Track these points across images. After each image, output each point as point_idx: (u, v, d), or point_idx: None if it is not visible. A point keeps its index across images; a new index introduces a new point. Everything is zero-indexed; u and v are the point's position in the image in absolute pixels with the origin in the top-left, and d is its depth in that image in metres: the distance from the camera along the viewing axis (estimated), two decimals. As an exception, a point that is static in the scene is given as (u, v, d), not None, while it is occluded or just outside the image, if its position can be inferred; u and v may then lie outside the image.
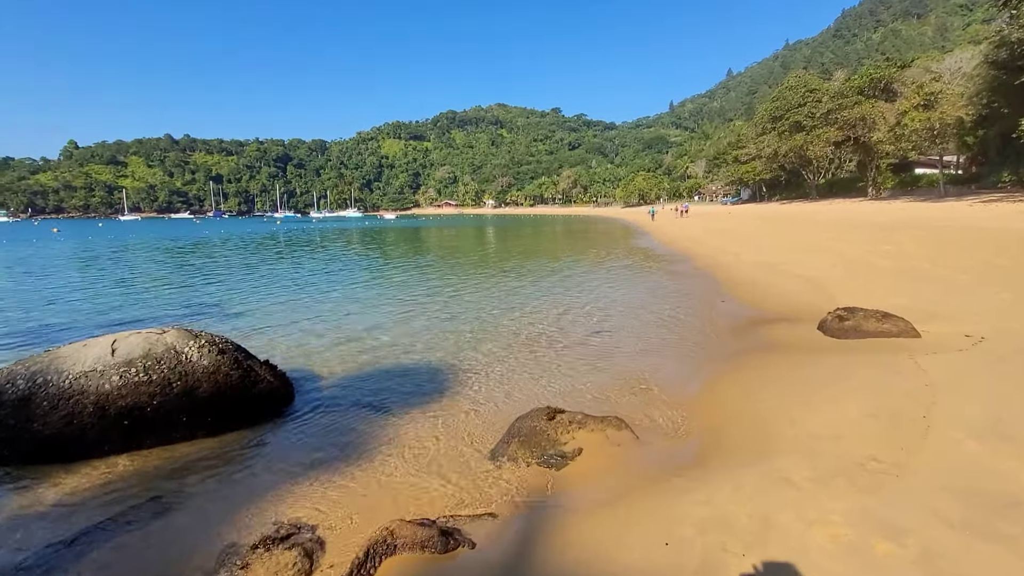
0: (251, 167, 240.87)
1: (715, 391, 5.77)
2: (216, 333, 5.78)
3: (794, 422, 4.62)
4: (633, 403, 5.65)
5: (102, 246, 37.38)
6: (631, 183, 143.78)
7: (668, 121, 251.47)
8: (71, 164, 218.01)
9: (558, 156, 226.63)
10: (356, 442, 4.93)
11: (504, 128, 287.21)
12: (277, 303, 12.85)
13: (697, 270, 17.64)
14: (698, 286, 14.20)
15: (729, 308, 10.92)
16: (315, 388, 6.47)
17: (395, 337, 9.12)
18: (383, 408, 5.78)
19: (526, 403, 5.82)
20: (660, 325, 9.62)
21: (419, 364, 7.47)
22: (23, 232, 68.25)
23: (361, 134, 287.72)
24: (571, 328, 9.56)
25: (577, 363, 7.34)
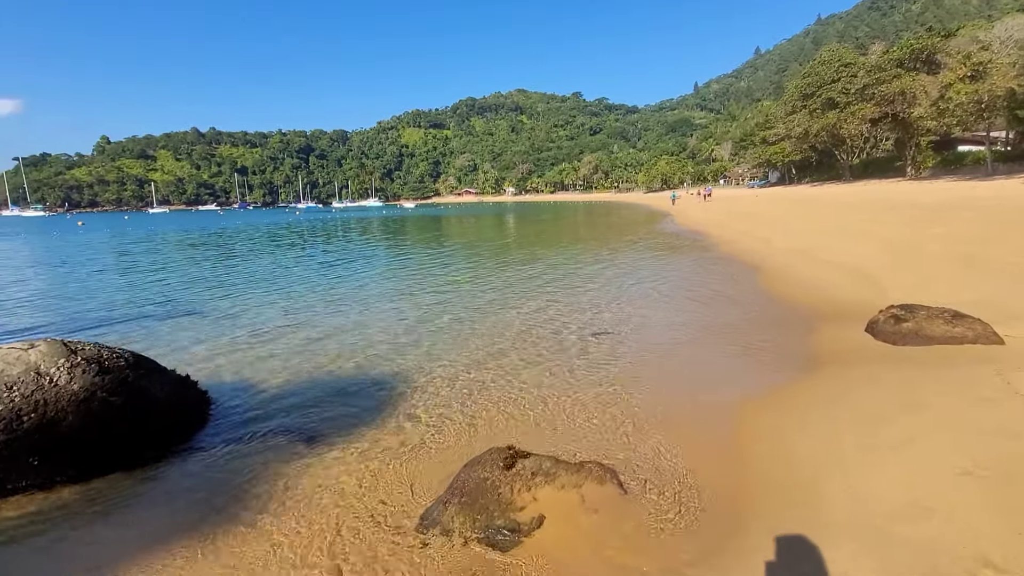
0: (275, 158, 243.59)
1: (741, 424, 4.44)
2: (113, 345, 4.71)
3: (850, 482, 3.28)
4: (629, 438, 4.37)
5: (114, 239, 37.47)
6: (654, 168, 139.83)
7: (693, 103, 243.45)
8: (104, 159, 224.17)
9: (579, 141, 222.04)
10: (248, 496, 3.78)
11: (524, 114, 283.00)
12: (255, 298, 11.89)
13: (722, 257, 16.06)
14: (721, 276, 12.69)
15: (755, 301, 9.45)
16: (243, 406, 5.35)
17: (368, 337, 7.99)
18: (314, 438, 4.63)
19: (493, 432, 4.61)
20: (675, 325, 8.25)
21: (384, 375, 6.32)
22: (51, 226, 69.87)
23: (381, 123, 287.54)
24: (568, 329, 8.27)
25: (568, 375, 6.08)
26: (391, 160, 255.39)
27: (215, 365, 6.79)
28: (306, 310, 10.40)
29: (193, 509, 3.65)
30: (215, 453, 4.41)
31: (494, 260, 18.23)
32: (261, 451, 4.43)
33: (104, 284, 15.04)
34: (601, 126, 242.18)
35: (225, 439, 4.65)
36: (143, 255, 24.19)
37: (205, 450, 4.45)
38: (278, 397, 5.63)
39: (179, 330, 8.86)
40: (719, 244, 19.89)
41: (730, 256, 16.26)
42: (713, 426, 4.51)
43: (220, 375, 6.37)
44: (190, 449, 4.48)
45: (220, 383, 6.06)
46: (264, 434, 4.72)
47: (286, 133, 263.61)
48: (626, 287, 11.89)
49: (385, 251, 23.32)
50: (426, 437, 4.60)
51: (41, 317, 10.31)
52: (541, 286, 12.44)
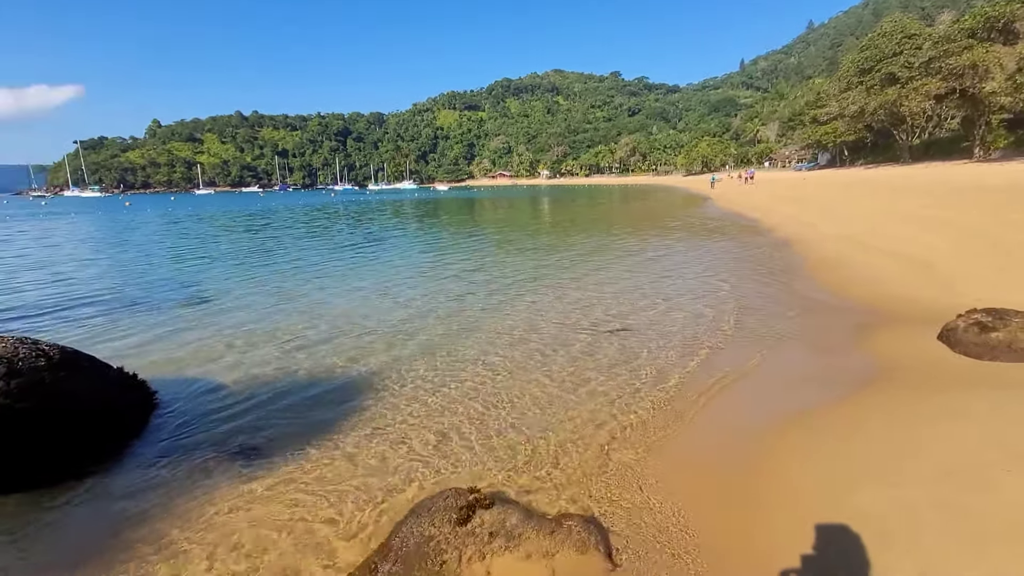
0: (314, 141, 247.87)
1: (778, 466, 3.48)
2: (42, 339, 4.15)
3: (925, 559, 2.32)
4: (633, 479, 3.49)
5: (152, 218, 38.54)
6: (694, 150, 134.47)
7: (738, 81, 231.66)
8: (155, 142, 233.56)
9: (616, 123, 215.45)
10: (153, 535, 3.12)
11: (560, 95, 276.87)
12: (257, 283, 11.47)
13: (764, 243, 14.66)
14: (761, 265, 11.42)
15: (798, 296, 8.26)
16: (194, 411, 4.72)
17: (356, 330, 7.33)
18: (248, 457, 3.95)
19: (457, 463, 3.83)
20: (701, 322, 7.21)
21: (355, 378, 5.62)
22: (103, 205, 73.15)
23: (417, 105, 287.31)
24: (580, 323, 7.37)
25: (570, 382, 5.22)
26: (426, 142, 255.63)
27: (177, 358, 6.26)
28: (299, 299, 9.85)
29: (90, 544, 3.04)
30: (138, 470, 3.79)
31: (523, 248, 17.36)
32: (189, 472, 3.78)
33: (110, 262, 15.03)
34: (640, 106, 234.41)
35: (160, 451, 4.04)
36: (164, 234, 24.53)
37: (130, 464, 3.85)
38: (236, 404, 4.99)
39: (145, 318, 8.45)
40: (761, 230, 18.36)
41: (773, 243, 14.84)
42: (737, 456, 3.58)
43: (182, 370, 5.82)
44: (119, 461, 3.89)
45: (180, 379, 5.51)
46: (204, 447, 4.09)
47: (324, 116, 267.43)
48: (656, 276, 10.83)
49: (404, 238, 22.76)
50: (382, 463, 3.85)
51: (13, 298, 10.17)
52: (572, 267, 11.52)
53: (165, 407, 4.78)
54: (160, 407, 4.75)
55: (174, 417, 4.59)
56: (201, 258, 16.14)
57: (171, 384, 5.34)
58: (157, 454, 4.01)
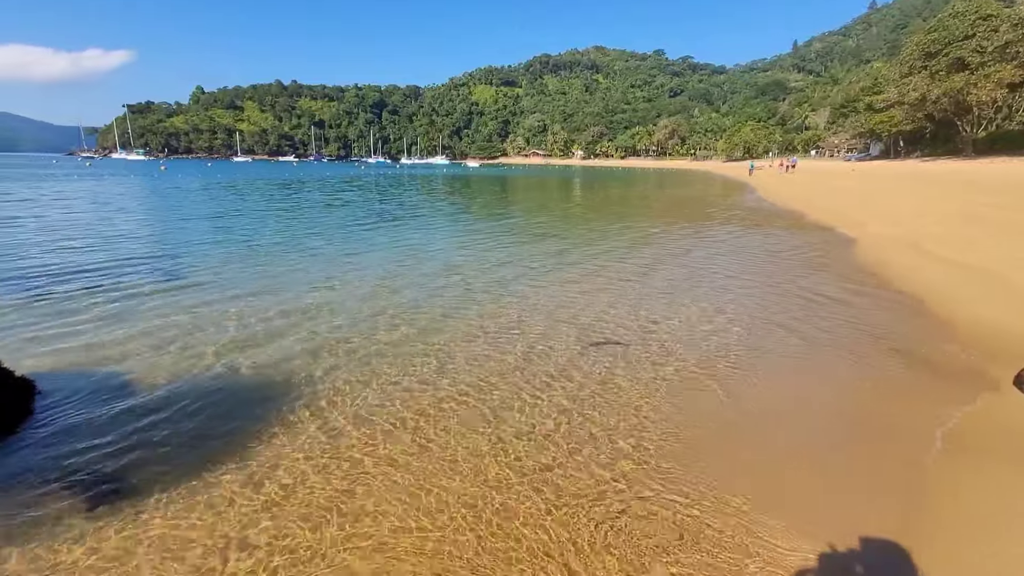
0: (350, 112, 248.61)
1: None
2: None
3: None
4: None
5: (181, 183, 38.95)
6: (736, 134, 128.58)
7: (789, 63, 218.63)
8: (198, 108, 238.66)
9: (656, 104, 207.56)
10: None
11: (600, 73, 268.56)
12: (246, 257, 10.86)
13: (806, 244, 13.22)
14: (793, 269, 10.13)
15: (837, 311, 7.05)
16: (80, 414, 4.02)
17: (322, 322, 6.57)
18: (122, 487, 3.22)
19: (397, 541, 2.98)
20: (714, 335, 6.15)
21: (289, 391, 4.85)
22: (140, 169, 75.12)
23: (453, 80, 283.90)
24: (576, 336, 6.41)
25: (548, 415, 4.30)
26: (461, 118, 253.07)
27: (103, 352, 5.61)
28: (266, 278, 9.17)
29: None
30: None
31: (555, 241, 16.36)
32: (42, 497, 3.07)
33: (121, 228, 14.74)
34: (682, 87, 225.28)
35: (13, 472, 3.34)
36: (177, 202, 24.44)
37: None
38: (138, 407, 4.28)
39: (91, 299, 7.89)
40: (799, 227, 16.79)
41: (815, 242, 13.38)
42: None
43: (100, 366, 5.16)
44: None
45: (85, 375, 4.83)
46: (72, 466, 3.37)
47: (361, 87, 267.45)
48: (667, 281, 9.71)
49: (420, 217, 21.95)
50: (272, 533, 3.04)
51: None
52: (578, 264, 10.50)
53: (47, 411, 4.10)
54: (40, 411, 4.07)
55: (49, 427, 3.89)
56: (198, 230, 15.74)
57: (73, 383, 4.67)
58: (7, 474, 3.31)
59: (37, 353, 5.26)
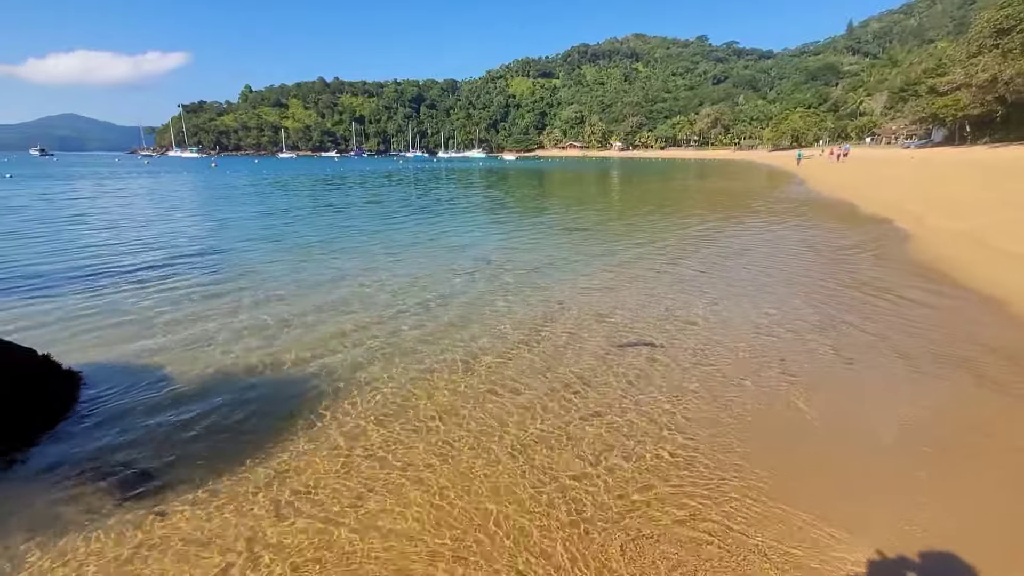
0: (389, 108, 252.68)
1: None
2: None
3: None
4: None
5: (231, 180, 40.65)
6: (784, 122, 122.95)
7: (843, 46, 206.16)
8: (246, 107, 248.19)
9: (699, 92, 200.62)
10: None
11: (640, 61, 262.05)
12: (284, 251, 11.18)
13: (857, 241, 12.49)
14: (842, 270, 9.58)
15: (897, 321, 6.60)
16: (115, 411, 4.21)
17: (354, 325, 6.67)
18: (161, 486, 3.34)
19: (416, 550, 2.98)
20: (748, 360, 5.86)
21: (319, 389, 4.93)
22: (194, 166, 78.92)
23: (490, 73, 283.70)
24: (606, 335, 6.26)
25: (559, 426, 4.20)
26: (497, 111, 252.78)
27: (146, 342, 5.86)
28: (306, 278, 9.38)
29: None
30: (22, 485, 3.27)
31: (577, 236, 16.14)
32: (75, 495, 3.22)
33: (146, 224, 15.48)
34: (726, 74, 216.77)
35: (53, 459, 3.53)
36: (223, 196, 25.45)
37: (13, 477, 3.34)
38: (180, 399, 4.45)
39: (138, 291, 8.24)
40: (851, 220, 15.88)
41: (863, 238, 12.62)
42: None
43: (140, 357, 5.38)
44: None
45: (129, 368, 5.06)
46: (108, 457, 3.54)
47: (400, 83, 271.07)
48: (710, 278, 9.38)
49: (456, 212, 22.05)
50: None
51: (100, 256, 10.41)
52: (605, 259, 10.30)
53: (90, 403, 4.31)
54: (84, 401, 4.29)
55: (91, 419, 4.09)
56: (245, 225, 16.34)
57: (116, 375, 4.91)
58: (46, 465, 3.50)
59: (84, 345, 5.56)
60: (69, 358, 4.77)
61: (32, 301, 7.17)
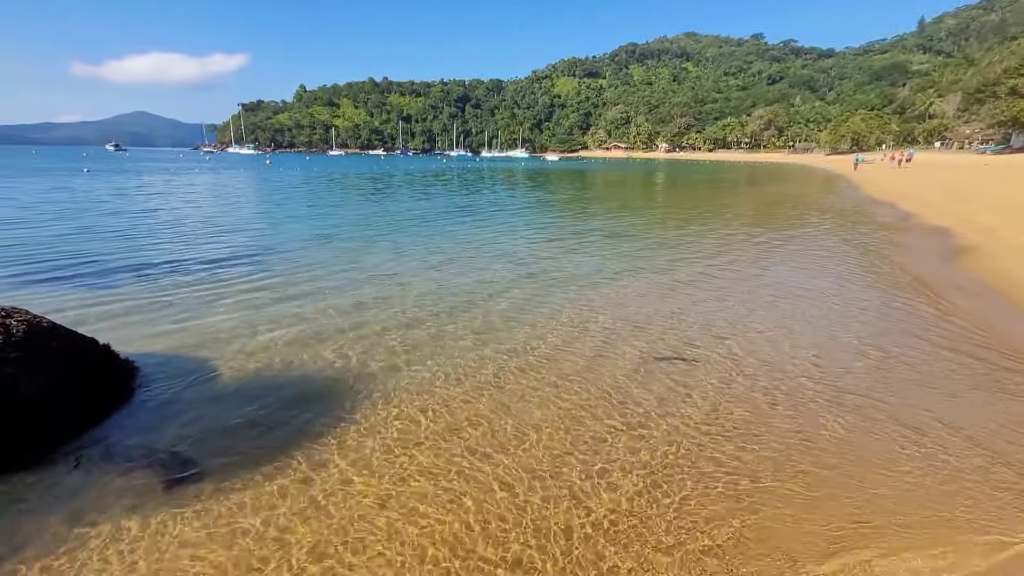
0: (435, 107, 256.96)
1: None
2: (9, 307, 3.96)
3: None
4: None
5: (283, 176, 42.31)
6: (843, 124, 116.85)
7: (913, 44, 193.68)
8: (300, 106, 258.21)
9: (752, 92, 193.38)
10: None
11: (690, 61, 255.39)
12: (338, 252, 11.47)
13: (904, 247, 11.66)
14: (898, 302, 8.94)
15: (979, 368, 6.08)
16: (167, 402, 4.37)
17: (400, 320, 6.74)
18: (184, 480, 3.44)
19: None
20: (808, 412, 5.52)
21: (360, 387, 4.98)
22: (250, 162, 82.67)
23: (536, 72, 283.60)
24: (643, 348, 6.06)
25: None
26: (542, 110, 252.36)
27: (202, 334, 6.09)
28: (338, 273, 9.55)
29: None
30: (66, 473, 3.44)
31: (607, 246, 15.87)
32: (126, 483, 3.36)
33: (204, 217, 16.20)
34: (782, 74, 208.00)
35: (106, 450, 3.70)
36: (278, 194, 26.43)
37: (60, 464, 3.52)
38: (233, 391, 4.60)
39: (184, 280, 8.58)
40: (910, 233, 14.85)
41: (916, 249, 11.75)
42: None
43: (195, 349, 5.59)
44: (52, 458, 3.59)
45: (171, 356, 5.27)
46: (157, 449, 3.68)
47: (447, 83, 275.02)
48: (757, 294, 8.97)
49: (501, 214, 22.08)
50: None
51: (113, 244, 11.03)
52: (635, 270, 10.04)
53: (144, 392, 4.51)
54: (138, 391, 4.49)
55: (144, 409, 4.28)
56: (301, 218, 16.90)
57: (168, 365, 5.13)
58: (103, 452, 3.67)
59: (140, 336, 5.85)
60: (125, 348, 5.03)
61: (95, 292, 7.63)
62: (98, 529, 2.97)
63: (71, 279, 8.32)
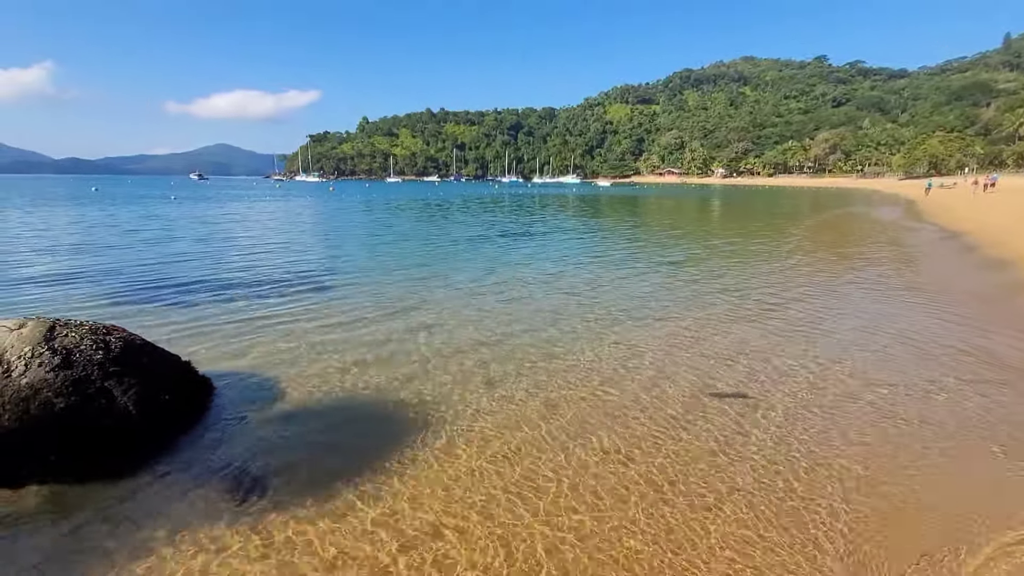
0: (488, 135, 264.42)
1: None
2: (109, 324, 4.31)
3: None
4: None
5: (345, 202, 44.54)
6: (919, 147, 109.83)
7: (998, 61, 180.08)
8: (363, 136, 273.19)
9: (815, 115, 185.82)
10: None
11: (748, 85, 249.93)
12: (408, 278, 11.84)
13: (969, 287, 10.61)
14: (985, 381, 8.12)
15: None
16: (245, 420, 4.56)
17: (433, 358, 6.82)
18: (253, 498, 3.55)
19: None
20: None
21: (417, 413, 5.03)
22: (315, 190, 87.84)
23: (588, 100, 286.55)
24: (698, 384, 5.80)
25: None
26: (594, 137, 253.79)
27: (270, 352, 6.37)
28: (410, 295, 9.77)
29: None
30: (144, 486, 3.64)
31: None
32: (201, 497, 3.52)
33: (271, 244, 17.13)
34: (848, 96, 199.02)
35: (182, 463, 3.90)
36: (342, 220, 27.71)
37: (139, 477, 3.73)
38: (302, 412, 4.77)
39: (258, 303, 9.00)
40: (966, 263, 13.54)
41: (980, 291, 10.66)
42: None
43: (267, 368, 5.85)
44: (132, 472, 3.81)
45: (243, 374, 5.52)
46: (227, 467, 3.84)
47: (500, 112, 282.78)
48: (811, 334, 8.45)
49: (554, 243, 22.14)
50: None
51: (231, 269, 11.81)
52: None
53: (220, 409, 4.76)
54: (214, 407, 4.74)
55: (219, 426, 4.50)
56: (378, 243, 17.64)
57: (242, 383, 5.39)
58: (181, 466, 3.88)
59: (216, 355, 6.21)
60: (203, 366, 5.35)
61: (178, 311, 8.23)
62: (171, 540, 3.10)
63: (158, 299, 9.02)
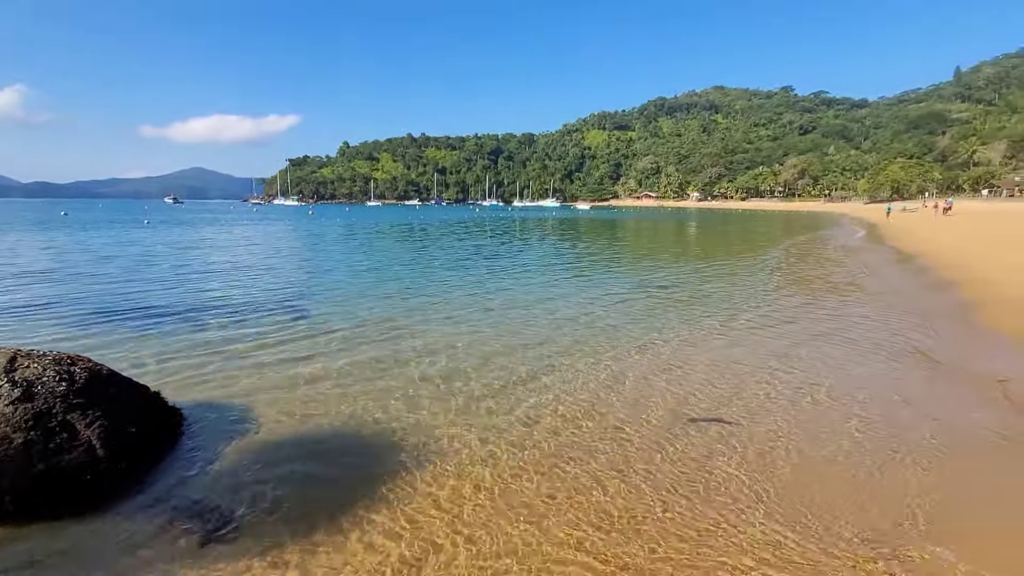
0: (468, 160, 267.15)
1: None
2: (74, 354, 4.21)
3: None
4: None
5: (325, 227, 44.27)
6: (881, 173, 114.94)
7: (951, 92, 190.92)
8: (343, 160, 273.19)
9: (783, 142, 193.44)
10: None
11: (719, 113, 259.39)
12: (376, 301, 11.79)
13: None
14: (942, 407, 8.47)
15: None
16: (211, 450, 4.47)
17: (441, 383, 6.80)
18: (224, 536, 3.47)
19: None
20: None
21: (398, 444, 5.00)
22: (293, 214, 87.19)
23: (567, 126, 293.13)
24: (672, 409, 5.91)
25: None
26: (572, 162, 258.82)
27: (239, 383, 6.27)
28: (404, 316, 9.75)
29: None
30: (113, 524, 3.53)
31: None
32: (165, 534, 3.42)
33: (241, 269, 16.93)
34: (814, 124, 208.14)
35: (150, 499, 3.79)
36: (320, 246, 27.53)
37: (109, 515, 3.61)
38: (262, 440, 4.69)
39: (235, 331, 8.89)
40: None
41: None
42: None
43: (236, 397, 5.75)
44: (99, 509, 3.69)
45: (212, 404, 5.41)
46: (196, 498, 3.75)
47: (480, 136, 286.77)
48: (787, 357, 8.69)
49: (533, 267, 22.39)
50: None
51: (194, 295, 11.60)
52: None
53: (189, 440, 4.65)
54: (183, 438, 4.63)
55: (188, 459, 4.39)
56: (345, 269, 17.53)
57: (212, 414, 5.28)
58: (148, 501, 3.77)
59: (185, 383, 6.08)
60: (172, 395, 5.23)
61: (147, 338, 8.05)
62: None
63: (127, 327, 8.80)
